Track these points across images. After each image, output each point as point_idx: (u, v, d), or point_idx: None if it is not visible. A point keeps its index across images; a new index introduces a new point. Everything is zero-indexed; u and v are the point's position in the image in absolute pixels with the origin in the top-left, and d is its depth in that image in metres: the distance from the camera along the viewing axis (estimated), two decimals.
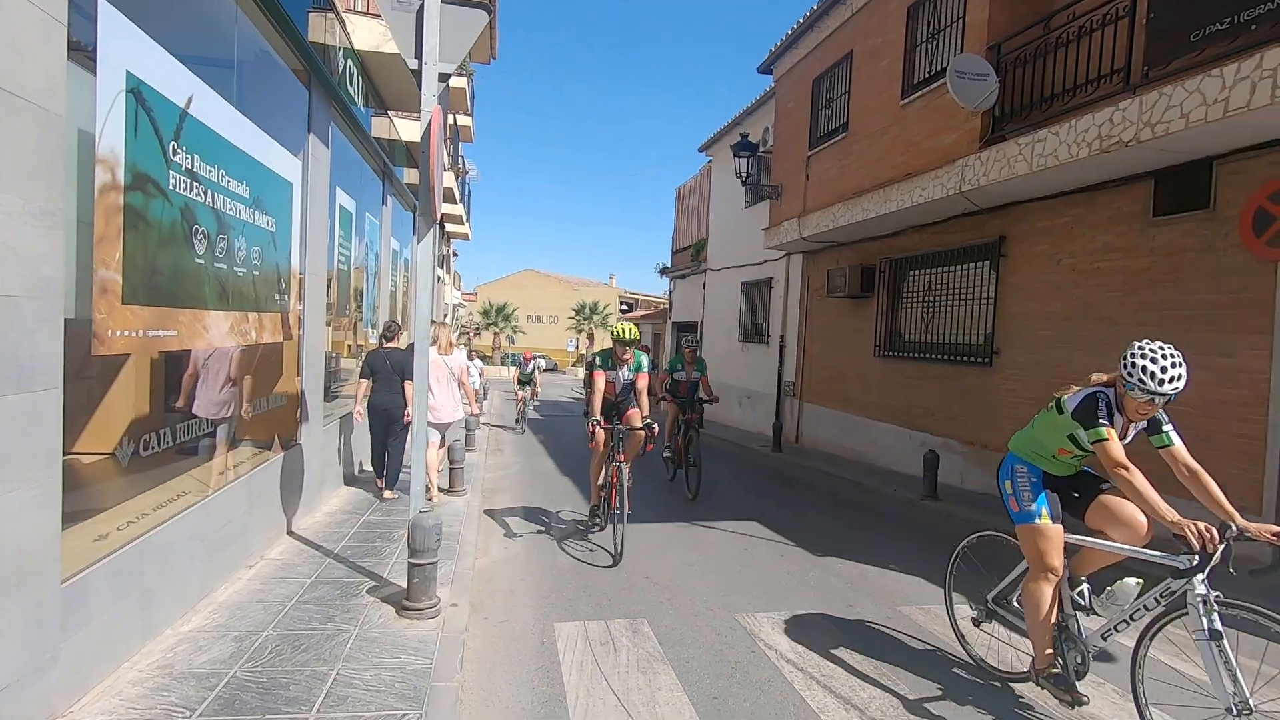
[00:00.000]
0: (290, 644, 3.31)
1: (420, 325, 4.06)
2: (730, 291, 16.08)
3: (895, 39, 9.04)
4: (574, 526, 6.27)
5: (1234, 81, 4.69)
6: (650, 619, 4.06)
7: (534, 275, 63.36)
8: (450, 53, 3.87)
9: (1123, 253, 6.43)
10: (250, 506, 4.41)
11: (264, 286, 4.54)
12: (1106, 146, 5.66)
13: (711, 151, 17.58)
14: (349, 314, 7.27)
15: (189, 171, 3.41)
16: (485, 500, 7.11)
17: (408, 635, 3.49)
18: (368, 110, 7.33)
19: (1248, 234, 5.33)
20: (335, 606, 3.82)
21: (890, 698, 3.19)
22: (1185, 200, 5.84)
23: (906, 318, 9.78)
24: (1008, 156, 6.72)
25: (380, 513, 6.02)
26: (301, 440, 5.48)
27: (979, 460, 8.11)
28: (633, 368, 5.71)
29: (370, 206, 8.09)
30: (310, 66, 5.26)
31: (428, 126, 3.81)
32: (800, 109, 11.73)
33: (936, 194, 7.76)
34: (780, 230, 11.86)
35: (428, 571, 3.74)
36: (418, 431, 4.00)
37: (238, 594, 3.93)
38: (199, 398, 3.72)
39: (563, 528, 6.20)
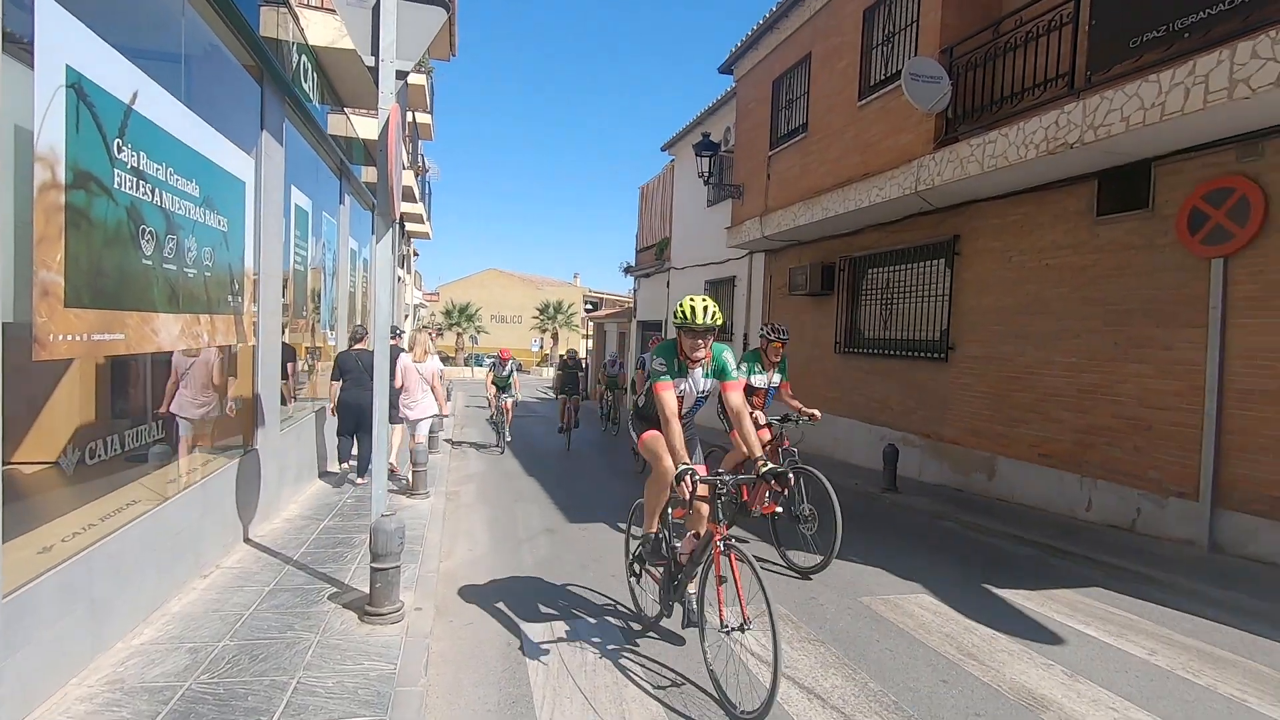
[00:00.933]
0: (248, 654, 3.24)
1: (380, 326, 4.00)
2: (694, 290, 16.17)
3: (852, 41, 9.21)
4: (540, 527, 6.25)
5: (1169, 87, 4.91)
6: (617, 617, 4.07)
7: (497, 275, 62.74)
8: (408, 50, 3.82)
9: (1070, 250, 6.68)
10: (204, 514, 4.29)
11: (216, 288, 4.41)
12: (1053, 148, 5.86)
13: (674, 150, 17.65)
14: (306, 315, 7.11)
15: (135, 169, 3.30)
16: (449, 502, 7.03)
17: (371, 641, 3.44)
18: (324, 107, 7.18)
19: (1183, 232, 5.59)
20: (295, 614, 3.75)
21: (852, 685, 3.27)
22: (1127, 200, 6.10)
23: (866, 315, 9.99)
24: (961, 157, 6.91)
25: (341, 518, 5.91)
26: (258, 445, 5.35)
27: (936, 453, 8.33)
28: (711, 370, 3.63)
29: (327, 205, 7.92)
30: (262, 62, 5.13)
31: (385, 124, 3.76)
32: (761, 109, 11.86)
33: (893, 193, 7.93)
34: (742, 229, 11.98)
35: (390, 576, 3.69)
36: (378, 435, 3.94)
37: (192, 604, 3.82)
38: (149, 403, 3.60)
39: (530, 528, 6.17)
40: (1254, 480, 5.15)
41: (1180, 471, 5.63)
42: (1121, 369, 6.14)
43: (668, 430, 3.32)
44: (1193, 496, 5.51)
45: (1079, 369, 6.55)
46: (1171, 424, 5.71)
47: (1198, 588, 4.63)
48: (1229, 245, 5.27)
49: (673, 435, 3.27)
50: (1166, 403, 5.75)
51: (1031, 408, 7.07)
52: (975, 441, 7.75)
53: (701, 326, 3.38)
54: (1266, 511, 5.07)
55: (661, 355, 3.51)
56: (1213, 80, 4.64)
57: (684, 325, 3.41)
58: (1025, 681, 3.35)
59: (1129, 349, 6.09)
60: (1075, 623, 4.14)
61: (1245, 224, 5.16)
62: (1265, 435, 5.09)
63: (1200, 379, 5.48)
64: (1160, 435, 5.80)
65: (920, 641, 3.81)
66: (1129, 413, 6.08)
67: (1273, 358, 5.06)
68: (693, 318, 3.37)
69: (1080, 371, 6.54)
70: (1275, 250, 5.06)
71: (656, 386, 3.43)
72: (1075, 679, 3.39)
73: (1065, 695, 3.22)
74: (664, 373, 3.45)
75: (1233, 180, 5.26)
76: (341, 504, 6.39)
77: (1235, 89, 4.52)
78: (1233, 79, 4.53)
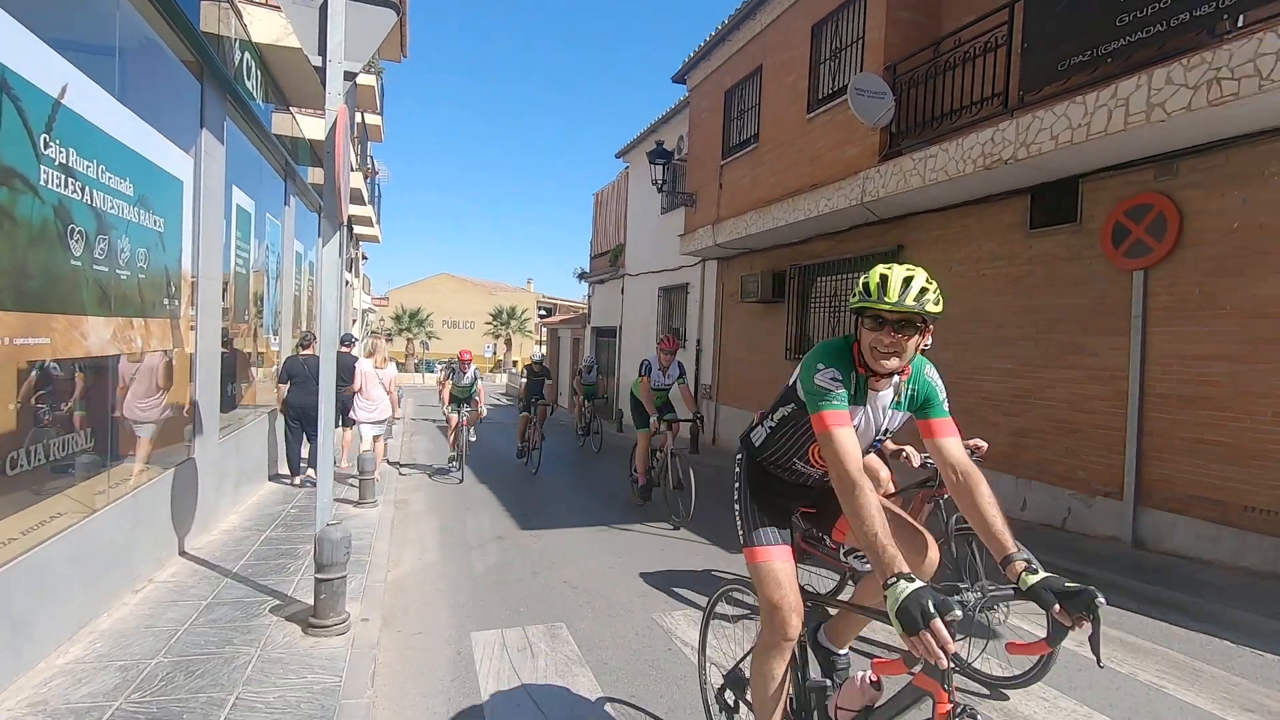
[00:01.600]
0: (183, 670, 3.12)
1: (327, 331, 3.92)
2: (648, 296, 16.28)
3: (801, 55, 9.45)
4: (491, 534, 6.18)
5: (1094, 108, 5.20)
6: (568, 623, 4.07)
7: (449, 279, 61.81)
8: (357, 51, 3.76)
9: (1005, 261, 6.98)
10: (136, 526, 4.11)
11: (151, 290, 4.25)
12: (989, 163, 6.14)
13: (629, 158, 17.75)
14: (248, 319, 6.89)
15: (63, 166, 3.17)
16: (398, 510, 6.90)
17: (315, 653, 3.36)
18: (268, 106, 6.99)
19: (1108, 245, 5.91)
20: (234, 628, 3.62)
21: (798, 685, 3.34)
22: (1057, 214, 6.41)
23: (815, 321, 10.22)
24: (903, 170, 7.16)
25: (285, 528, 5.74)
26: (195, 454, 5.15)
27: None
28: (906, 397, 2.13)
29: (271, 207, 7.70)
30: (202, 58, 4.97)
31: (333, 126, 3.69)
32: (713, 119, 12.04)
33: (840, 204, 8.16)
34: (695, 237, 12.12)
35: (336, 586, 3.60)
36: (323, 443, 3.85)
37: (123, 620, 3.65)
38: (77, 411, 3.44)
39: (480, 535, 6.10)
40: (1171, 480, 5.47)
41: (1106, 472, 5.94)
42: (1052, 375, 6.44)
43: (855, 503, 1.78)
44: (1117, 496, 5.82)
45: (1014, 375, 6.85)
46: (1098, 427, 6.02)
47: (1122, 582, 4.88)
48: (1148, 258, 5.60)
49: (873, 520, 1.73)
50: (1093, 407, 6.06)
51: (970, 412, 7.34)
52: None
53: (903, 311, 1.89)
54: (1182, 509, 5.39)
55: (830, 362, 1.98)
56: (1133, 103, 4.94)
57: (868, 308, 1.93)
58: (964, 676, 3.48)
59: (1059, 355, 6.40)
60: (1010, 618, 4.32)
61: (1163, 239, 5.49)
62: (1181, 437, 5.41)
63: (1124, 384, 5.80)
64: (1088, 438, 6.11)
65: (864, 641, 3.92)
66: (1059, 416, 6.38)
67: (1186, 364, 5.40)
68: (883, 293, 1.89)
69: (1015, 377, 6.83)
70: (1188, 263, 5.40)
71: (825, 420, 1.90)
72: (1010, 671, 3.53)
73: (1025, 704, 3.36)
74: (836, 395, 1.92)
75: (1151, 197, 5.60)
76: (285, 514, 6.20)
77: (1152, 112, 4.82)
78: (1150, 103, 4.83)
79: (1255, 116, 4.65)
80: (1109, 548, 5.70)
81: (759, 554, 2.23)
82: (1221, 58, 4.41)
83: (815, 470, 2.31)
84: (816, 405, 1.96)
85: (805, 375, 2.03)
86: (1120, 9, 5.23)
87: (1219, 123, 4.80)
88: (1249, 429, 5.00)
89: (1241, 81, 4.32)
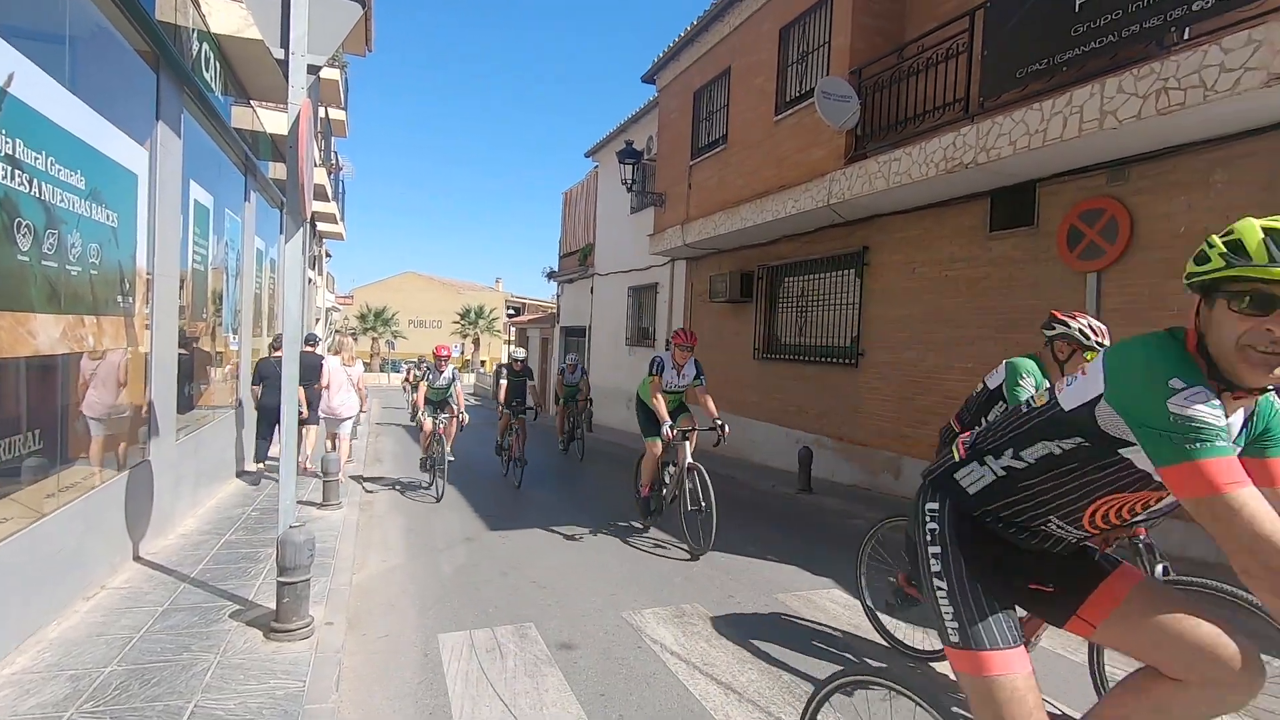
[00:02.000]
0: (139, 679, 3.02)
1: (290, 330, 3.83)
2: (617, 296, 16.28)
3: (769, 58, 9.55)
4: (460, 536, 6.12)
5: (1050, 115, 5.37)
6: (537, 623, 4.05)
7: (415, 278, 60.94)
8: (320, 45, 3.69)
9: (966, 263, 7.16)
10: (88, 531, 3.97)
11: (104, 287, 4.11)
12: (951, 167, 6.29)
13: (598, 157, 17.73)
14: (206, 317, 6.70)
15: (9, 158, 3.04)
16: (363, 513, 6.78)
17: (277, 658, 3.28)
18: (227, 99, 6.81)
19: (1063, 248, 6.10)
20: (192, 634, 3.52)
21: (768, 680, 3.38)
22: (1015, 217, 6.60)
23: (782, 321, 10.34)
24: (869, 173, 7.29)
25: (245, 531, 5.60)
26: (150, 456, 5.00)
27: (847, 454, 8.72)
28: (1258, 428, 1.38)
29: (231, 202, 7.50)
30: (158, 48, 4.82)
31: (296, 120, 3.62)
32: (682, 119, 12.10)
33: (807, 205, 8.27)
34: (665, 237, 12.16)
35: (299, 589, 3.53)
36: (286, 444, 3.77)
37: (74, 628, 3.53)
38: (25, 412, 3.31)
39: (449, 537, 6.04)
40: None
41: None
42: None
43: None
44: None
45: (974, 374, 7.00)
46: None
47: None
48: (1101, 260, 5.79)
49: None
50: None
51: (933, 410, 7.51)
52: (882, 443, 8.16)
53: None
54: None
55: (1186, 373, 1.28)
56: (1086, 111, 5.11)
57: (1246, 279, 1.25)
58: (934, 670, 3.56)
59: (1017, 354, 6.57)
60: None
61: (1114, 241, 5.69)
62: None
63: None
64: None
65: (831, 633, 3.98)
66: None
67: None
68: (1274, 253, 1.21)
69: (976, 376, 6.96)
70: (1138, 266, 5.60)
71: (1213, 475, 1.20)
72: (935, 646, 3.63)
73: None
74: (1219, 432, 1.23)
75: (1104, 202, 5.80)
76: (245, 517, 6.05)
77: (1105, 119, 4.99)
78: (1103, 110, 5.00)
79: (1200, 125, 4.85)
80: None
81: (992, 662, 1.49)
82: (1169, 68, 4.59)
83: (1079, 533, 1.60)
84: (1187, 451, 1.22)
85: (1148, 395, 1.27)
86: (1075, 19, 5.40)
87: (1167, 131, 4.99)
88: None
89: (1188, 91, 4.51)
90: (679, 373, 6.18)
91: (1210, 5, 4.57)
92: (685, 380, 6.20)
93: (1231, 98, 4.30)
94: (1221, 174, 5.09)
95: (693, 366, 6.20)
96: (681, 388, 6.25)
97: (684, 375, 6.19)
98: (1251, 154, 4.91)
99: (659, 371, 6.03)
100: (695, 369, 6.21)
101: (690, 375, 6.20)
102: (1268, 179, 4.84)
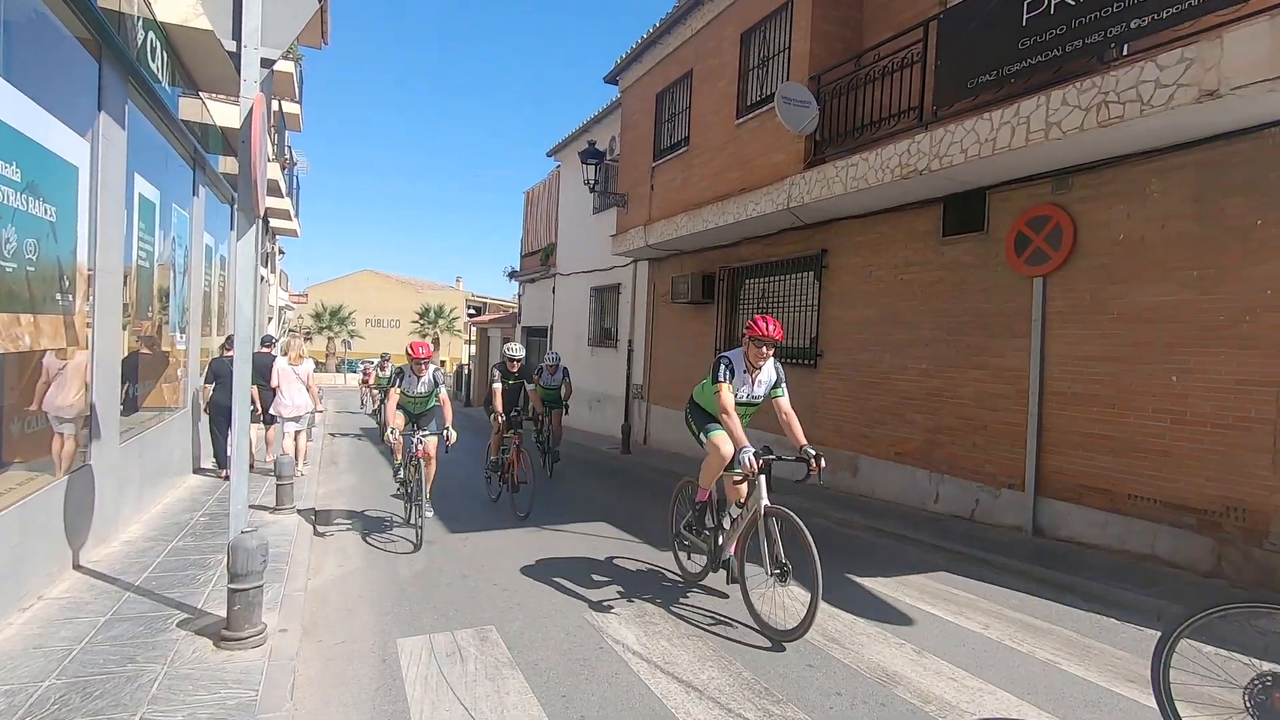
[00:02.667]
0: (79, 692, 2.91)
1: (241, 328, 3.73)
2: (580, 296, 16.24)
3: (731, 62, 9.65)
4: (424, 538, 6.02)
5: (999, 125, 5.56)
6: (498, 625, 4.03)
7: (372, 276, 59.66)
8: (275, 37, 3.60)
9: (920, 267, 7.36)
10: (24, 539, 3.80)
11: (41, 284, 3.93)
12: (905, 173, 6.45)
13: (560, 156, 17.65)
14: (152, 316, 6.46)
15: None
16: (318, 517, 6.63)
17: (228, 667, 3.19)
18: (175, 90, 6.58)
19: (1011, 254, 6.32)
20: (138, 645, 3.40)
21: (727, 675, 3.43)
22: (966, 223, 6.81)
23: (743, 323, 10.43)
24: (827, 177, 7.43)
25: (193, 537, 5.42)
26: (91, 460, 4.80)
27: None
28: None
29: (178, 197, 7.25)
30: (101, 36, 4.63)
31: (249, 115, 3.52)
32: (645, 121, 12.13)
33: (768, 208, 8.39)
34: (627, 238, 12.18)
35: (251, 596, 3.44)
36: (237, 446, 3.66)
37: (8, 641, 3.37)
38: None
39: (407, 541, 5.94)
40: (1066, 472, 5.90)
41: (1010, 465, 6.35)
42: (962, 375, 6.83)
43: None
44: (1020, 487, 6.24)
45: (928, 375, 7.22)
46: (1003, 423, 6.43)
47: (1024, 567, 5.24)
48: (1047, 266, 6.02)
49: None
50: (999, 404, 6.47)
51: (889, 410, 7.70)
52: (840, 442, 8.32)
53: None
54: (1076, 498, 5.82)
55: None
56: (1033, 121, 5.31)
57: None
58: (880, 660, 3.66)
59: (969, 356, 6.80)
60: (923, 604, 4.57)
61: (1059, 248, 5.92)
62: (1074, 432, 5.85)
63: (1025, 383, 6.21)
64: (994, 434, 6.51)
65: None
66: (969, 414, 6.78)
67: (1077, 364, 5.84)
68: None
69: (929, 377, 7.21)
70: (1081, 271, 5.84)
71: None
72: (923, 655, 3.74)
73: (914, 670, 3.55)
74: None
75: (1049, 209, 6.03)
76: (193, 522, 5.86)
77: (1050, 130, 5.19)
78: (1048, 121, 5.20)
79: (1138, 138, 5.08)
80: (1012, 536, 6.10)
81: None
82: (1110, 83, 4.80)
83: None
84: None
85: None
86: (1022, 33, 5.61)
87: (1107, 143, 5.22)
88: (1132, 424, 5.45)
89: (1126, 105, 4.72)
90: (754, 378, 4.41)
91: (1146, 24, 4.79)
92: (762, 389, 4.47)
93: (1166, 112, 4.52)
94: (1157, 185, 5.34)
95: (773, 369, 4.48)
96: (757, 399, 4.50)
97: (761, 382, 4.45)
98: (1183, 166, 5.17)
99: (728, 377, 4.29)
100: (776, 372, 4.49)
101: (769, 381, 4.47)
102: (1197, 190, 5.10)
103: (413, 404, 6.38)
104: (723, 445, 4.41)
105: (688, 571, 5.00)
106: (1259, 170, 4.77)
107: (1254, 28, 4.10)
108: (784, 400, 4.47)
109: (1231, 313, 4.91)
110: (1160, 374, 5.29)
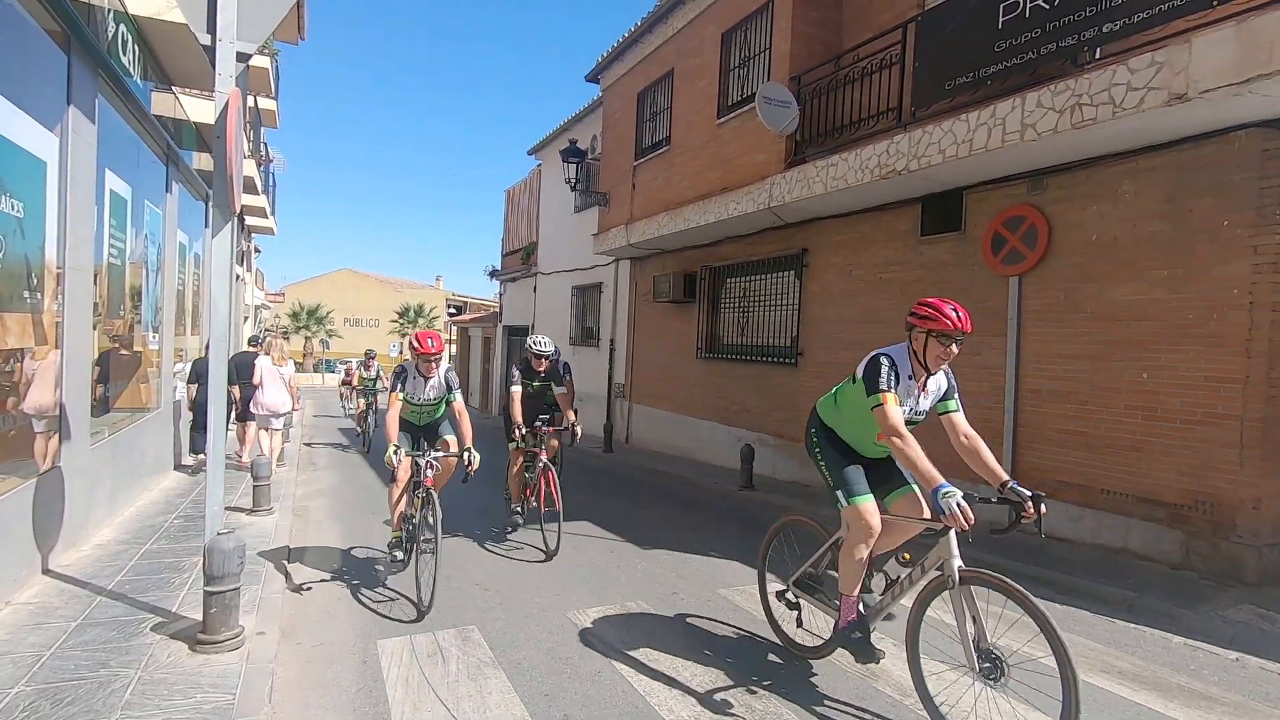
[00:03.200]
0: (49, 699, 2.84)
1: (216, 327, 3.67)
2: (561, 295, 16.19)
3: (711, 61, 9.68)
4: None
5: (976, 126, 5.63)
6: (480, 625, 4.01)
7: (351, 275, 59.00)
8: (251, 31, 3.54)
9: (899, 266, 7.43)
10: None
11: (8, 282, 3.84)
12: (884, 173, 6.52)
13: (541, 155, 17.58)
14: (124, 315, 6.33)
15: None
16: (297, 518, 6.54)
17: (204, 671, 3.14)
18: (147, 84, 6.45)
19: (988, 253, 6.41)
20: (110, 650, 3.33)
21: (711, 674, 3.44)
22: (945, 223, 6.89)
23: (725, 322, 10.50)
24: (808, 177, 7.49)
25: (168, 540, 5.32)
26: (61, 463, 4.69)
27: (788, 452, 8.92)
28: None
29: (151, 194, 7.10)
30: (70, 28, 4.53)
31: (224, 110, 3.46)
32: (626, 120, 12.13)
33: (749, 208, 8.43)
34: (609, 237, 12.17)
35: (228, 599, 3.39)
36: (215, 446, 3.61)
37: None
38: None
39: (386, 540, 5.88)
40: (1042, 467, 6.00)
41: None
42: None
43: None
44: None
45: None
46: (981, 420, 6.50)
47: (1001, 562, 5.31)
48: (1022, 265, 6.12)
49: None
50: (976, 401, 6.55)
51: None
52: None
53: None
54: (1051, 494, 5.91)
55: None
56: (1009, 123, 5.39)
57: None
58: None
59: None
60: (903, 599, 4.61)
61: (1034, 247, 6.02)
62: (1048, 429, 5.95)
63: (1002, 380, 6.30)
64: None
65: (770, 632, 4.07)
66: None
67: (1051, 362, 5.95)
68: None
69: None
70: (1056, 271, 5.94)
71: None
72: (899, 646, 3.78)
73: (891, 662, 3.59)
74: None
75: (1024, 210, 6.12)
76: (167, 525, 5.76)
77: (1025, 132, 5.28)
78: (1024, 123, 5.29)
79: (1110, 140, 5.18)
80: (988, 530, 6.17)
81: None
82: (1083, 85, 4.89)
83: None
84: None
85: None
86: (999, 35, 5.69)
87: (1081, 144, 5.31)
88: (1105, 420, 5.56)
89: (1099, 108, 4.81)
90: (923, 387, 3.28)
91: (1118, 28, 4.88)
92: (928, 403, 3.34)
93: (1137, 114, 4.61)
94: (1129, 186, 5.45)
95: (943, 374, 3.34)
96: (921, 416, 3.36)
97: (928, 394, 3.31)
98: (1155, 168, 5.28)
99: (893, 384, 3.14)
100: (947, 379, 3.35)
101: (939, 390, 3.32)
102: (1168, 191, 5.21)
103: (418, 414, 4.92)
104: (871, 519, 3.17)
105: (797, 643, 3.64)
106: (1225, 173, 4.89)
107: (1221, 33, 4.20)
108: (959, 416, 3.17)
109: (1200, 311, 5.02)
110: (1132, 371, 5.40)
